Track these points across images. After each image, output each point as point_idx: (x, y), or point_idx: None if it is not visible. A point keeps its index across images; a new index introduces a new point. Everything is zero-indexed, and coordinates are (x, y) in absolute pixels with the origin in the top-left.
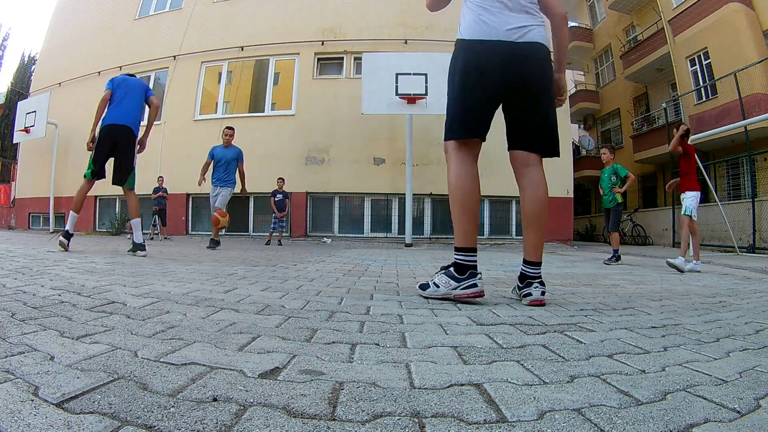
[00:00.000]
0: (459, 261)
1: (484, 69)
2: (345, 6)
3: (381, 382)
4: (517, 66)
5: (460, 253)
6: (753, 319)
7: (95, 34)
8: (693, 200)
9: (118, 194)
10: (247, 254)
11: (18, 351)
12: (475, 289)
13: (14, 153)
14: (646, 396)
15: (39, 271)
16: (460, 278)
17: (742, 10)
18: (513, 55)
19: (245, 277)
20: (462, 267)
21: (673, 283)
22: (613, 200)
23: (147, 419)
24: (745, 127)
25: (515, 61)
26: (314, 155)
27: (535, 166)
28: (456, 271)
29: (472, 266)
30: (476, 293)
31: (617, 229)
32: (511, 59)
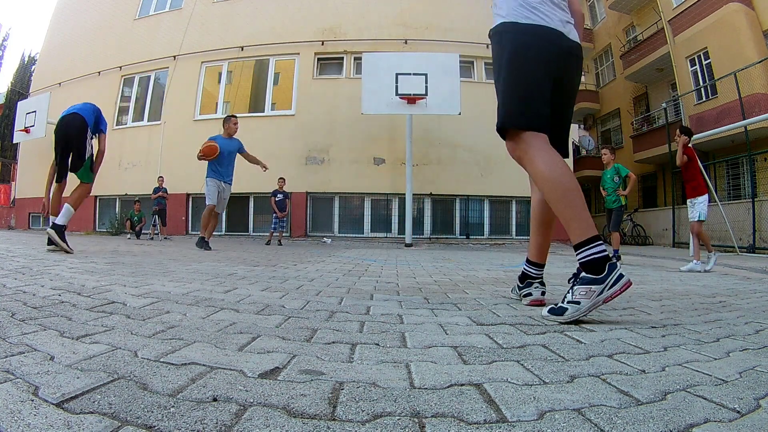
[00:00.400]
0: (591, 258)
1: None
2: (345, 6)
3: (381, 382)
4: (568, 60)
5: (587, 247)
6: (753, 319)
7: (95, 34)
8: (704, 205)
9: (117, 194)
10: (247, 254)
11: (18, 351)
12: (624, 280)
13: (14, 153)
14: (646, 396)
15: (39, 271)
16: (602, 277)
17: (742, 10)
18: (566, 48)
19: (245, 277)
20: (596, 263)
21: (673, 283)
22: (617, 201)
23: (147, 419)
24: (745, 127)
25: (568, 55)
26: (314, 155)
27: None
28: (592, 272)
29: (606, 256)
30: (626, 285)
31: (618, 229)
32: (566, 52)
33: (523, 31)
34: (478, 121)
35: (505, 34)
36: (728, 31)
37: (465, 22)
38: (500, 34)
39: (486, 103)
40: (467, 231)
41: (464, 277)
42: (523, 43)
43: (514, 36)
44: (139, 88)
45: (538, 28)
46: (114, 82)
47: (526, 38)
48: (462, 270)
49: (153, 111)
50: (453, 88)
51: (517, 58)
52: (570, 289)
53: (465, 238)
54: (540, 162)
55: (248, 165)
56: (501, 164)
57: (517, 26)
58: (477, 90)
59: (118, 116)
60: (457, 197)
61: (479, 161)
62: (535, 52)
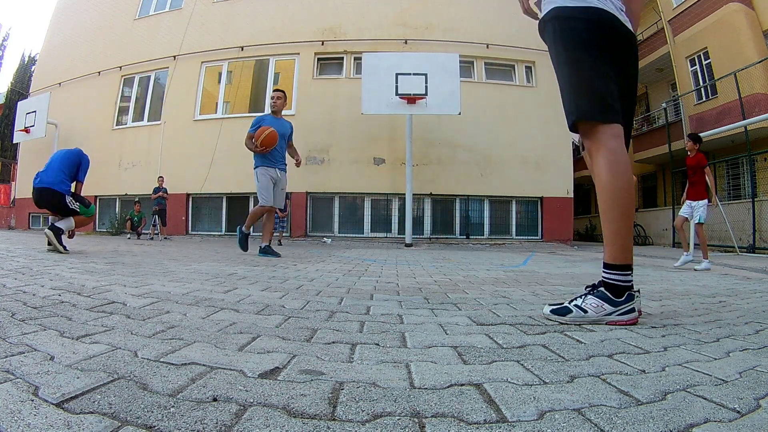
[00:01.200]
0: (615, 282)
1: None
2: (345, 6)
3: (381, 382)
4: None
5: (616, 271)
6: (753, 319)
7: (95, 34)
8: (705, 209)
9: (117, 194)
10: (247, 254)
11: (18, 351)
12: (632, 315)
13: (14, 153)
14: (646, 396)
15: (39, 271)
16: (618, 301)
17: (742, 10)
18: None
19: (245, 277)
20: (618, 288)
21: (673, 283)
22: None
23: (147, 419)
24: (745, 127)
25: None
26: (314, 155)
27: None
28: (611, 293)
29: (630, 287)
30: (633, 320)
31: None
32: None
33: (589, 14)
34: (478, 121)
35: (556, 21)
36: (728, 31)
37: (465, 22)
38: (551, 21)
39: (486, 103)
40: (467, 231)
41: (464, 277)
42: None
43: (573, 21)
44: (139, 88)
45: (595, 12)
46: (114, 82)
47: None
48: (462, 270)
49: (153, 111)
50: (453, 88)
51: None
52: (583, 295)
53: (465, 238)
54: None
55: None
56: (501, 164)
57: (576, 10)
58: (477, 90)
59: (118, 116)
60: (457, 197)
61: (479, 161)
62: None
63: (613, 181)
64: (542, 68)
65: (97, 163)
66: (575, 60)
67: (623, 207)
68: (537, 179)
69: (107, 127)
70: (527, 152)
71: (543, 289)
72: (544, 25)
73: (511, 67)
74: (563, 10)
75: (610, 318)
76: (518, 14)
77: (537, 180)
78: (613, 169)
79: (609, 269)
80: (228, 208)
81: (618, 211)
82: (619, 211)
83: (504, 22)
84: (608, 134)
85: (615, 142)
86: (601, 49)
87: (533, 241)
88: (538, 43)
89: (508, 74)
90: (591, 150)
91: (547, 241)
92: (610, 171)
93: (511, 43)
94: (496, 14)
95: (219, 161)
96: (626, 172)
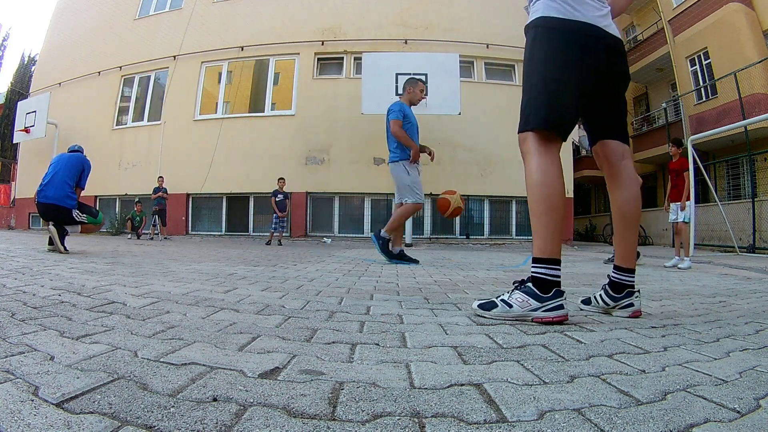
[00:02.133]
0: (542, 276)
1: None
2: (345, 6)
3: (381, 382)
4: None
5: (543, 265)
6: (753, 319)
7: (95, 34)
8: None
9: (117, 194)
10: (247, 254)
11: (18, 351)
12: (560, 312)
13: (14, 153)
14: (646, 396)
15: (39, 271)
16: (544, 297)
17: (742, 10)
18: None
19: (245, 277)
20: (545, 283)
21: (673, 283)
22: None
23: (147, 419)
24: (745, 127)
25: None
26: (314, 155)
27: (630, 159)
28: (538, 288)
29: (557, 282)
30: (561, 317)
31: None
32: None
33: (561, 26)
34: (478, 121)
35: (541, 29)
36: (728, 31)
37: (465, 22)
38: (536, 29)
39: (486, 103)
40: (467, 231)
41: (464, 277)
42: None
43: (550, 31)
44: (139, 88)
45: (577, 24)
46: (114, 82)
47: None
48: (462, 270)
49: (153, 111)
50: (453, 88)
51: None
52: (511, 290)
53: (465, 238)
54: (533, 163)
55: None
56: (501, 164)
57: (555, 21)
58: (477, 90)
59: (118, 116)
60: None
61: (479, 161)
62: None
63: (542, 177)
64: None
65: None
66: (543, 70)
67: (544, 201)
68: None
69: (107, 127)
70: None
71: None
72: (527, 30)
73: (511, 67)
74: (549, 21)
75: (536, 314)
76: (518, 14)
77: None
78: (541, 168)
79: (536, 263)
80: (228, 208)
81: (540, 205)
82: (542, 205)
83: (504, 22)
84: (539, 139)
85: (544, 148)
86: (575, 62)
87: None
88: None
89: (508, 74)
90: (524, 152)
91: None
92: (539, 169)
93: (511, 43)
94: (496, 14)
95: (219, 161)
96: (556, 174)
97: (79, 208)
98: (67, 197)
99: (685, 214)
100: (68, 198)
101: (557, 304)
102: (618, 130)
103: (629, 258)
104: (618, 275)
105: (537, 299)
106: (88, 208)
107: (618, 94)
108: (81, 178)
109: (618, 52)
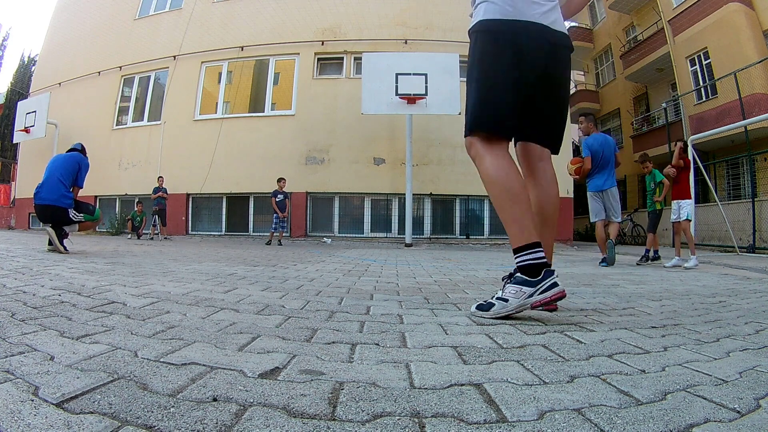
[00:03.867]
0: (526, 262)
1: (522, 50)
2: (345, 6)
3: (381, 382)
4: (554, 53)
5: (524, 252)
6: (753, 319)
7: (95, 34)
8: (691, 207)
9: (118, 194)
10: (247, 254)
11: (18, 351)
12: (557, 289)
13: (14, 153)
14: (646, 396)
15: (39, 271)
16: (535, 281)
17: (742, 10)
18: (551, 41)
19: (245, 277)
20: (532, 268)
21: (673, 283)
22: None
23: (147, 419)
24: (745, 127)
25: (552, 48)
26: (314, 155)
27: (548, 161)
28: (527, 275)
29: (544, 263)
30: (559, 294)
31: (654, 230)
32: (549, 45)
33: (498, 28)
34: None
35: (480, 33)
36: (728, 31)
37: (465, 22)
38: (475, 33)
39: None
40: (467, 231)
41: (464, 277)
42: (497, 39)
43: (487, 35)
44: (139, 88)
45: (515, 24)
46: (114, 82)
47: (500, 36)
48: (462, 270)
49: (153, 111)
50: (453, 88)
51: (487, 59)
52: (502, 286)
53: (465, 238)
54: (486, 162)
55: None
56: None
57: (492, 24)
58: None
59: (118, 116)
60: (457, 197)
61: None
62: (509, 52)
63: (490, 177)
64: None
65: (97, 163)
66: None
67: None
68: None
69: (107, 127)
70: None
71: None
72: (470, 36)
73: None
74: (487, 24)
75: (533, 299)
76: None
77: None
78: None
79: (518, 253)
80: (228, 208)
81: (504, 198)
82: (506, 197)
83: None
84: (487, 142)
85: (495, 146)
86: (514, 64)
87: None
88: None
89: None
90: (473, 156)
91: None
92: (492, 166)
93: None
94: None
95: (219, 161)
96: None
97: (75, 206)
98: (63, 197)
99: (688, 212)
100: (63, 198)
101: (551, 283)
102: (547, 136)
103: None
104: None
105: (529, 285)
106: (85, 205)
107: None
108: (78, 177)
109: (562, 47)
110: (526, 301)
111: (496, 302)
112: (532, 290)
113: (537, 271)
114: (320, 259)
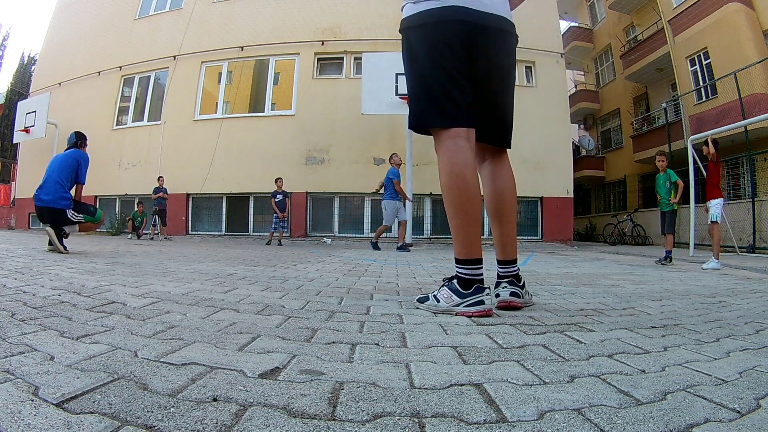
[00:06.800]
0: (463, 276)
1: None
2: (345, 6)
3: (381, 382)
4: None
5: (463, 266)
6: (753, 319)
7: (95, 34)
8: (720, 207)
9: (118, 194)
10: (248, 254)
11: (18, 351)
12: (480, 308)
13: (14, 153)
14: (646, 396)
15: (39, 271)
16: (464, 293)
17: (742, 10)
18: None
19: (245, 277)
20: (466, 281)
21: (673, 283)
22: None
23: (147, 419)
24: (745, 127)
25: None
26: (314, 155)
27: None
28: (460, 285)
29: (479, 280)
30: (482, 312)
31: (672, 231)
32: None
33: (423, 19)
34: None
35: (408, 30)
36: (728, 31)
37: None
38: (404, 30)
39: None
40: None
41: None
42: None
43: (415, 28)
44: (139, 88)
45: (437, 12)
46: (114, 82)
47: (426, 26)
48: None
49: (153, 111)
50: None
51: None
52: (440, 286)
53: None
54: (444, 161)
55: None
56: None
57: (417, 16)
58: None
59: (118, 116)
60: None
61: None
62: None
63: (448, 181)
64: (542, 68)
65: (97, 163)
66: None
67: (456, 202)
68: (537, 179)
69: (107, 127)
70: (527, 152)
71: (543, 289)
72: (401, 35)
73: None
74: (411, 20)
75: (459, 309)
76: (519, 13)
77: (537, 180)
78: (447, 169)
79: (458, 263)
80: (228, 208)
81: (453, 207)
82: (454, 207)
83: None
84: (446, 136)
85: (453, 143)
86: (449, 52)
87: (533, 241)
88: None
89: None
90: (436, 151)
91: (547, 241)
92: (445, 171)
93: None
94: None
95: (219, 161)
96: (461, 173)
97: (75, 207)
98: (61, 198)
99: (713, 214)
100: (61, 199)
101: (477, 300)
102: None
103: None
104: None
105: (459, 295)
106: (85, 206)
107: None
108: (79, 174)
109: (494, 29)
110: (453, 308)
111: (431, 298)
112: (459, 300)
113: (469, 285)
114: (320, 259)
